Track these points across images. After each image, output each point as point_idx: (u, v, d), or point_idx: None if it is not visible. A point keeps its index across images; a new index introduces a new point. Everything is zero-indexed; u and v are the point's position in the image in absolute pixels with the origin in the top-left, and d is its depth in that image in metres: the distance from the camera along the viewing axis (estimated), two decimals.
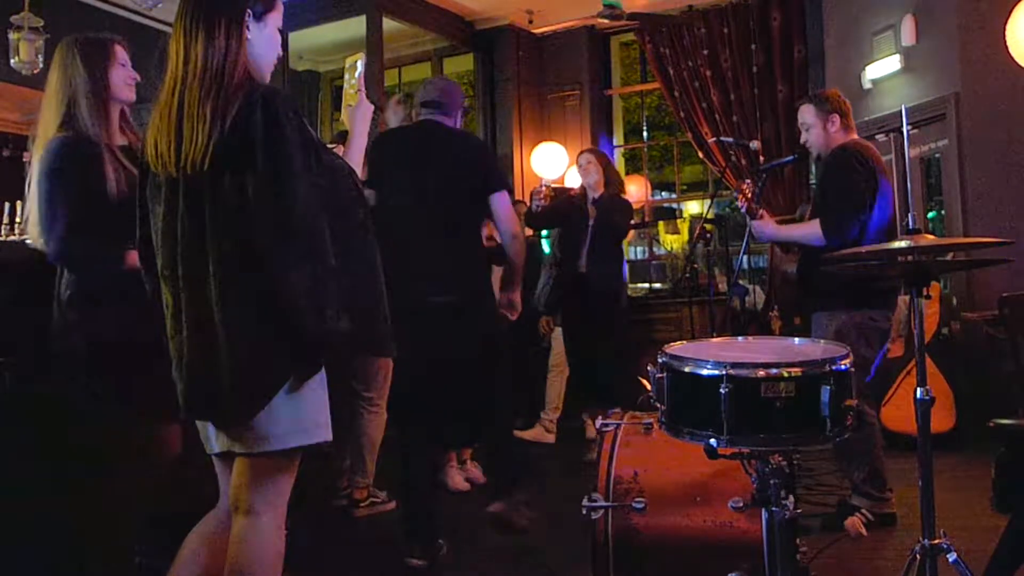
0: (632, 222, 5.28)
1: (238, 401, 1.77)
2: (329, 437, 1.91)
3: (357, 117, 2.12)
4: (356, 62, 2.15)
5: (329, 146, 2.15)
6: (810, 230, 3.32)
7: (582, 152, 5.14)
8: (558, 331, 5.33)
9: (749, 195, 3.44)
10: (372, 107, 2.15)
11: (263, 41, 1.93)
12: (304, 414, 1.84)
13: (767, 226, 3.51)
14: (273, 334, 1.77)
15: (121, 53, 2.60)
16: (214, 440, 1.90)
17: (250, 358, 1.76)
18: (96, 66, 2.51)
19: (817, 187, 3.45)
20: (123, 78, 2.58)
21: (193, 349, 1.81)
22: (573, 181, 6.78)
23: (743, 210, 3.48)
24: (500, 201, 3.17)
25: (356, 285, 1.85)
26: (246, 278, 1.76)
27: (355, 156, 2.05)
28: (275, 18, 1.97)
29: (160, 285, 1.90)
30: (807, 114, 3.47)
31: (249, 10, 1.89)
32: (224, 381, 1.76)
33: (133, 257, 2.39)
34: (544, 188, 4.85)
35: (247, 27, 1.88)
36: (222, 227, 1.77)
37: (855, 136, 3.48)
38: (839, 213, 3.24)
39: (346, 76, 2.15)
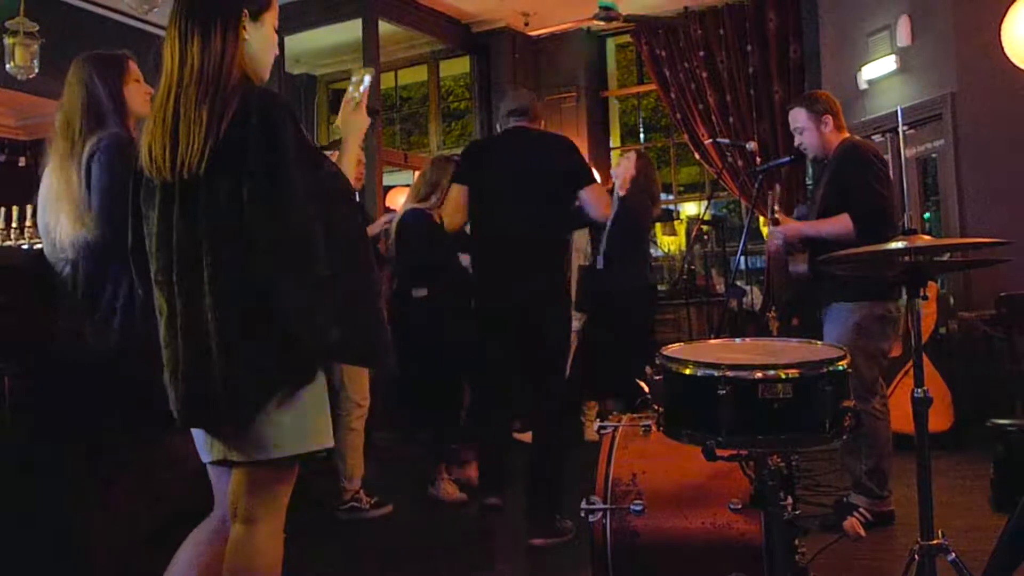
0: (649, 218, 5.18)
1: (231, 409, 1.75)
2: (329, 444, 1.89)
3: (353, 128, 2.10)
4: (365, 76, 2.15)
5: (325, 152, 2.14)
6: (840, 226, 3.23)
7: (630, 151, 5.15)
8: None
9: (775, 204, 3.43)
10: (369, 122, 2.14)
11: (260, 41, 1.91)
12: (303, 422, 1.82)
13: (789, 227, 3.45)
14: (267, 342, 1.75)
15: (135, 69, 2.62)
16: (209, 449, 1.88)
17: (243, 366, 1.74)
18: (112, 82, 2.55)
19: (832, 184, 3.40)
20: (139, 93, 2.61)
21: (188, 357, 1.79)
22: None
23: (772, 216, 3.45)
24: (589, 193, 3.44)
25: (354, 295, 1.82)
26: (241, 285, 1.74)
27: (347, 165, 2.03)
28: (271, 18, 1.95)
29: (154, 291, 1.87)
30: (799, 117, 3.46)
31: (246, 10, 1.86)
32: (217, 389, 1.74)
33: None
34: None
35: (244, 27, 1.85)
36: (217, 233, 1.75)
37: (847, 134, 3.48)
38: (872, 206, 3.21)
39: (351, 88, 2.14)
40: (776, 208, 3.45)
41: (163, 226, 1.82)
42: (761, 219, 3.56)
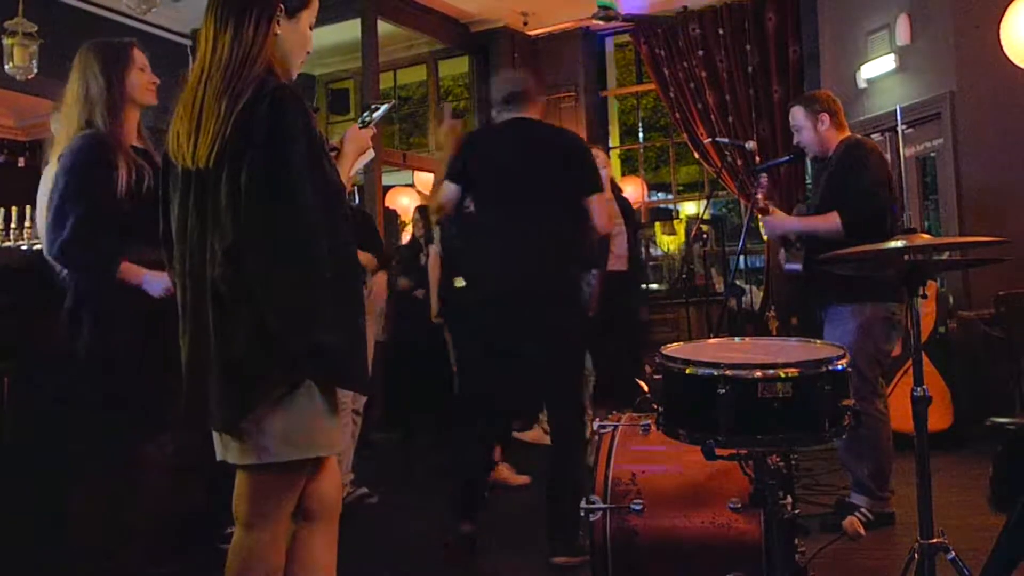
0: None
1: (223, 407, 1.72)
2: (323, 453, 1.83)
3: (354, 144, 2.05)
4: (383, 105, 2.16)
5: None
6: (829, 224, 3.23)
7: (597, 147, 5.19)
8: None
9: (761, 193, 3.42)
10: (371, 152, 2.10)
11: (293, 38, 1.89)
12: (295, 428, 1.75)
13: (778, 220, 3.46)
14: (261, 341, 1.69)
15: (140, 57, 2.61)
16: (219, 448, 1.84)
17: (235, 364, 1.70)
18: (113, 71, 2.53)
19: (830, 182, 3.40)
20: (142, 82, 2.59)
21: (192, 350, 1.77)
22: None
23: (758, 205, 3.43)
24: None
25: (347, 304, 1.79)
26: (237, 281, 1.70)
27: (342, 174, 2.00)
28: (308, 16, 1.94)
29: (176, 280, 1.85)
30: (797, 116, 3.48)
31: (282, 5, 1.85)
32: (212, 385, 1.72)
33: (127, 269, 2.42)
34: None
35: (278, 22, 1.84)
36: (221, 225, 1.72)
37: (848, 133, 3.48)
38: (862, 209, 3.20)
39: (370, 109, 2.14)
40: (760, 196, 3.42)
41: (181, 215, 1.81)
42: (758, 216, 3.52)
